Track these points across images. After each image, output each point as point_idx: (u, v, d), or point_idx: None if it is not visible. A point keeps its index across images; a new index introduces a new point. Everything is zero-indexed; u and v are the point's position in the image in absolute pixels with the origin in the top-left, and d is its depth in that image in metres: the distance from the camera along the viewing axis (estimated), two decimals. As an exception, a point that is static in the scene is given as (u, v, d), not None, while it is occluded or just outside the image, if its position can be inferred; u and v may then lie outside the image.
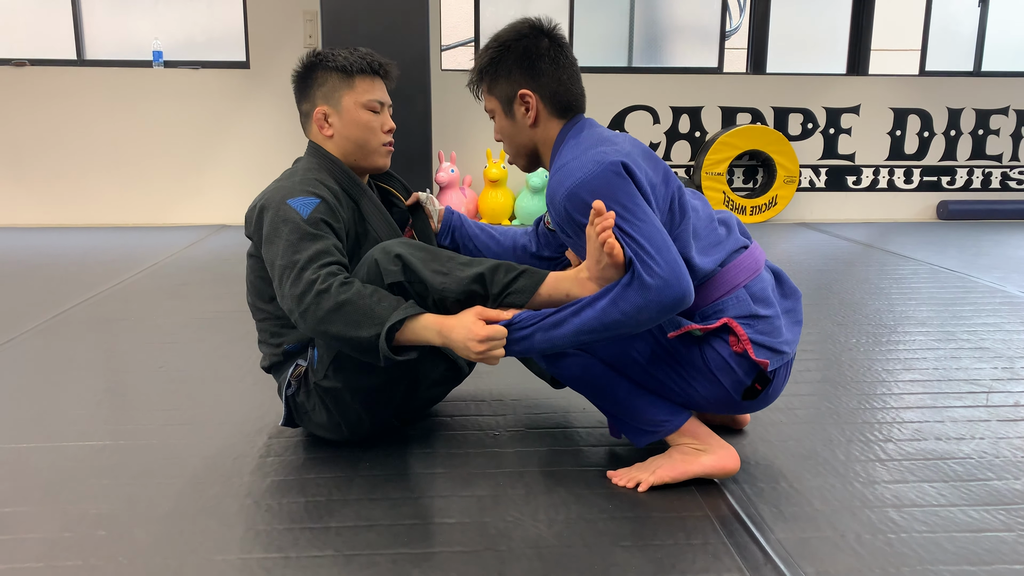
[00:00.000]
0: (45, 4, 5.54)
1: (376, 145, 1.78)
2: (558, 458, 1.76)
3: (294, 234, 1.56)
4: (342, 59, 1.74)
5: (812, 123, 6.05)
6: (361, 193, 1.76)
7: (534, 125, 1.64)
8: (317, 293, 1.48)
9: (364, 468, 1.70)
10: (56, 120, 5.47)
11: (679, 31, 6.21)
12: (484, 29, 5.91)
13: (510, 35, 1.64)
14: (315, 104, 1.76)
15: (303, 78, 1.78)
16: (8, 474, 1.68)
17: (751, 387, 1.56)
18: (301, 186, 1.65)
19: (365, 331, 1.46)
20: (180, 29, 5.66)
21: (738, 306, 1.55)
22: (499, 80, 1.64)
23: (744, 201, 5.88)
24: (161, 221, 5.49)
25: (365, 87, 1.76)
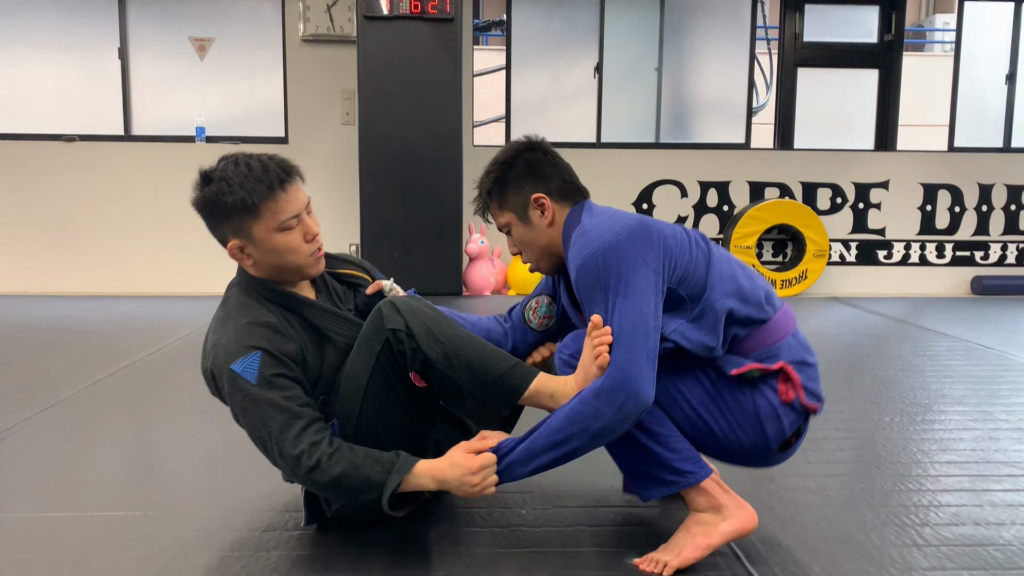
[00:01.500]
0: (97, 82, 5.81)
1: (302, 261, 1.63)
2: (583, 539, 1.73)
3: (253, 406, 1.52)
4: (239, 188, 1.54)
5: (841, 198, 6.07)
6: (300, 304, 1.66)
7: (552, 224, 1.71)
8: (309, 470, 1.48)
9: (388, 545, 1.69)
10: (102, 192, 5.67)
11: (706, 108, 6.33)
12: (515, 106, 6.07)
13: (507, 155, 1.75)
14: (226, 238, 1.61)
15: (205, 212, 1.60)
16: (39, 544, 1.70)
17: (788, 439, 1.61)
18: (236, 341, 1.55)
19: (367, 496, 1.51)
20: (223, 106, 5.89)
21: (791, 352, 1.61)
22: (508, 194, 1.73)
23: (774, 275, 5.87)
24: (198, 290, 5.61)
25: (273, 210, 1.57)
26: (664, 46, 6.11)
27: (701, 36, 6.21)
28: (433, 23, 5.11)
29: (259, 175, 1.56)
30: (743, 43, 6.13)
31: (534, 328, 1.89)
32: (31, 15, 5.74)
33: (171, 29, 5.81)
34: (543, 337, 1.91)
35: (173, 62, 5.84)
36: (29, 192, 5.66)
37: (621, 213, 1.64)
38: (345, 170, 5.64)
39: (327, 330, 1.68)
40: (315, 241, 1.65)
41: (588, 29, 6.05)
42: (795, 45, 6.16)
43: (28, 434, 2.48)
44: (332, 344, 1.68)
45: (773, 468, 2.14)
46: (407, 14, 5.05)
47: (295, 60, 5.73)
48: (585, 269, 1.55)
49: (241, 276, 1.69)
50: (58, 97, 5.82)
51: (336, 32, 5.64)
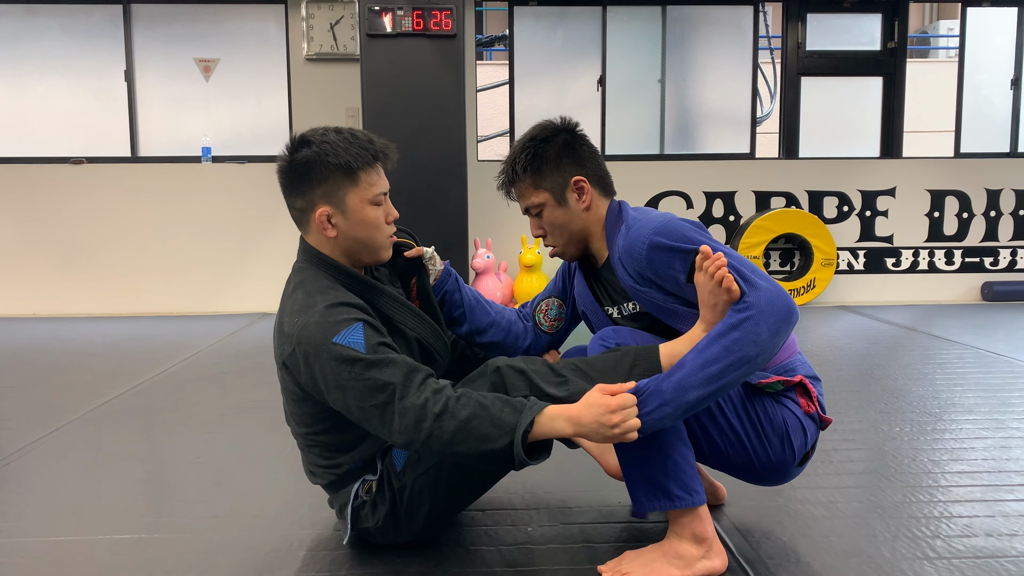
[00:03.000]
0: (104, 105, 5.86)
1: (383, 240, 1.63)
2: (590, 556, 1.72)
3: (366, 371, 1.42)
4: (344, 153, 1.54)
5: (848, 206, 6.05)
6: (377, 293, 1.63)
7: (588, 209, 1.70)
8: (436, 416, 1.38)
9: (399, 564, 1.68)
10: (109, 213, 5.71)
11: (710, 118, 6.33)
12: (519, 121, 6.09)
13: (544, 132, 1.71)
14: (315, 204, 1.57)
15: (298, 174, 1.57)
16: (46, 568, 1.69)
17: (807, 452, 1.65)
18: (332, 317, 1.47)
19: (497, 442, 1.38)
20: (229, 126, 5.93)
21: (804, 367, 1.66)
22: (546, 173, 1.69)
23: (782, 284, 5.83)
24: (206, 310, 5.63)
25: (370, 181, 1.58)
26: (667, 57, 6.12)
27: (704, 47, 6.22)
28: (435, 40, 5.14)
29: (364, 143, 1.57)
30: (746, 53, 6.14)
31: (544, 330, 1.90)
32: (40, 40, 5.80)
33: (176, 51, 5.86)
34: (552, 340, 1.92)
35: (179, 83, 5.89)
36: (38, 215, 5.70)
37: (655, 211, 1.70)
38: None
39: (400, 323, 1.64)
40: (392, 227, 1.66)
41: (591, 42, 6.07)
42: (798, 54, 6.16)
43: (37, 456, 2.48)
44: (402, 336, 1.63)
45: (782, 481, 2.13)
46: (410, 31, 5.08)
47: (299, 79, 5.77)
48: (656, 248, 1.55)
49: (313, 259, 1.62)
50: (66, 120, 5.87)
51: (340, 50, 5.68)
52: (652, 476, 1.54)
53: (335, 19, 5.64)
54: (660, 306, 1.64)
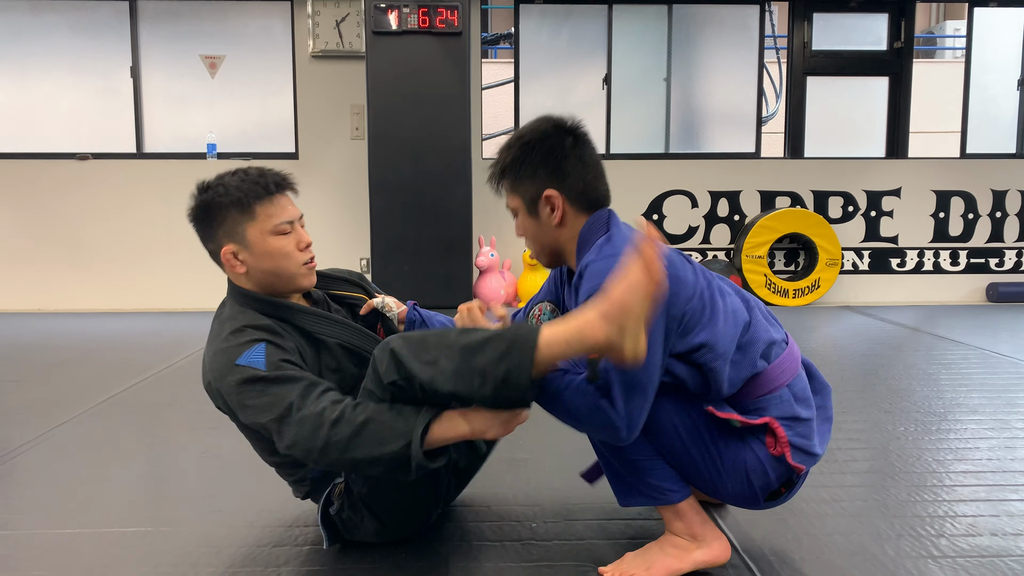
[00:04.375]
0: (109, 101, 5.87)
1: (294, 268, 1.64)
2: (594, 553, 1.72)
3: (267, 388, 1.47)
4: (235, 190, 1.60)
5: (853, 206, 6.04)
6: (291, 311, 1.64)
7: (560, 225, 1.59)
8: (332, 423, 1.41)
9: (400, 559, 1.68)
10: (114, 209, 5.72)
11: (715, 117, 6.32)
12: (524, 118, 6.08)
13: (533, 134, 1.60)
14: (220, 244, 1.63)
15: (201, 220, 1.65)
16: (51, 561, 1.70)
17: (777, 489, 1.54)
18: (236, 340, 1.53)
19: (393, 444, 1.40)
20: (234, 122, 5.93)
21: (781, 406, 1.51)
22: (523, 180, 1.60)
23: (786, 284, 5.84)
24: (210, 306, 5.61)
25: (268, 213, 1.61)
26: (672, 56, 6.11)
27: (709, 46, 6.21)
28: (441, 37, 5.14)
29: (255, 179, 1.63)
30: (752, 52, 6.13)
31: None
32: (46, 37, 5.81)
33: (182, 48, 5.87)
34: None
35: (184, 80, 5.90)
36: (44, 210, 5.71)
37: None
38: (355, 184, 5.67)
39: (320, 334, 1.65)
40: (308, 250, 1.67)
41: (596, 41, 6.06)
42: (804, 54, 6.15)
43: (43, 450, 2.49)
44: (327, 348, 1.65)
45: (786, 479, 2.13)
46: (415, 29, 5.09)
47: (305, 76, 5.77)
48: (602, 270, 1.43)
49: (232, 290, 1.68)
50: (72, 116, 5.88)
51: (345, 48, 5.68)
52: (624, 477, 1.57)
53: (341, 16, 5.64)
54: None
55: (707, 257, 6.03)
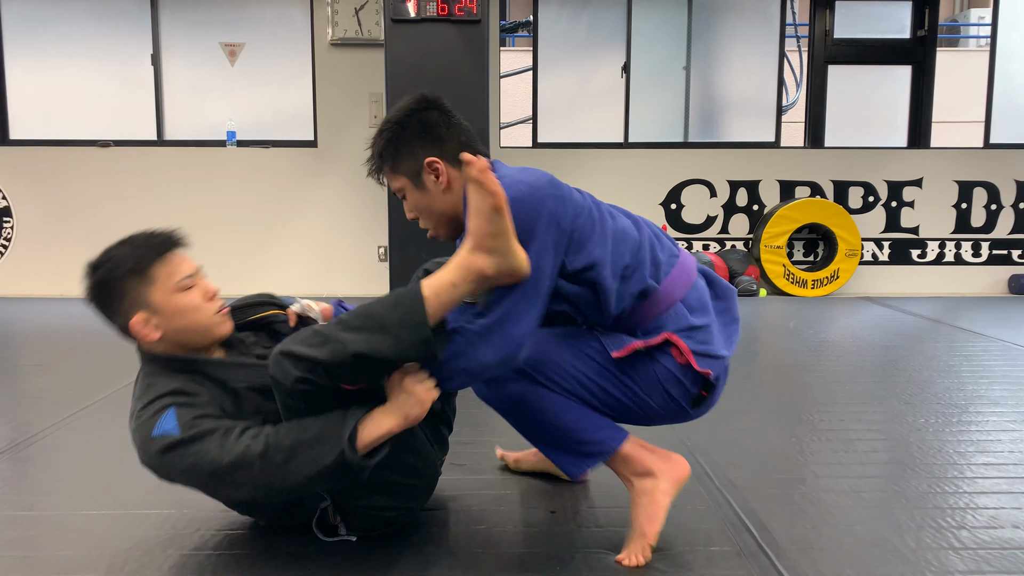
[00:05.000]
0: (131, 89, 5.91)
1: (207, 320, 1.64)
2: (613, 540, 1.73)
3: (188, 450, 1.45)
4: (127, 260, 1.58)
5: (873, 196, 5.98)
6: (201, 365, 1.62)
7: (447, 189, 1.63)
8: (259, 456, 1.42)
9: (419, 545, 1.70)
10: (136, 196, 5.77)
11: (735, 106, 6.28)
12: (542, 107, 6.07)
13: (400, 114, 1.64)
14: (127, 316, 1.60)
15: (101, 299, 1.61)
16: (76, 541, 1.73)
17: (698, 395, 1.63)
18: (147, 415, 1.51)
19: (328, 457, 1.42)
20: (253, 110, 5.96)
21: (676, 320, 1.61)
22: (403, 158, 1.63)
23: (805, 274, 5.80)
24: (230, 292, 5.66)
25: (166, 272, 1.61)
26: (692, 45, 6.07)
27: (730, 34, 6.16)
28: (460, 25, 5.12)
29: (144, 242, 1.62)
30: (772, 41, 6.08)
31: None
32: (68, 25, 5.85)
33: (202, 35, 5.89)
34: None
35: (204, 68, 5.92)
36: (66, 197, 5.77)
37: (532, 169, 1.59)
38: (373, 172, 5.67)
39: (231, 381, 1.62)
40: (216, 300, 1.66)
41: (615, 29, 6.03)
42: (825, 42, 6.08)
43: (65, 433, 2.53)
44: (240, 394, 1.62)
45: (805, 471, 2.14)
46: (434, 16, 5.07)
47: (324, 64, 5.78)
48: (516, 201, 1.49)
49: (142, 360, 1.66)
50: (93, 104, 5.93)
51: (364, 36, 5.68)
52: (561, 445, 1.63)
53: (360, 4, 5.64)
54: None
55: (725, 247, 6.00)
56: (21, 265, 5.81)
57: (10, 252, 5.81)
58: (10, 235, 5.80)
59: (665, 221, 5.95)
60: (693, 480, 2.07)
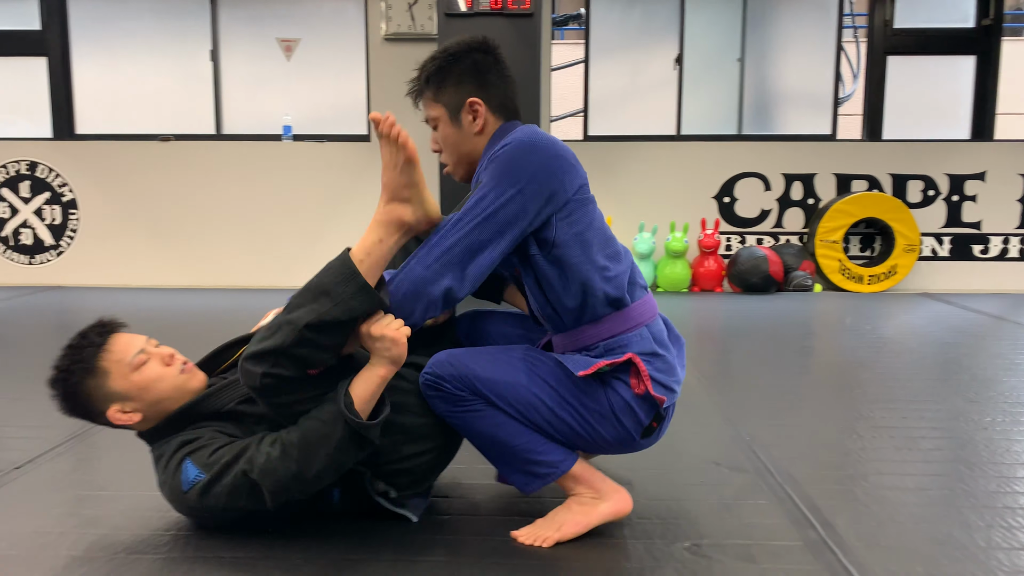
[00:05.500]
0: (190, 84, 6.05)
1: (175, 380, 1.70)
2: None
3: (218, 486, 1.55)
4: (75, 366, 1.63)
5: (934, 190, 5.83)
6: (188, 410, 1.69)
7: (480, 133, 1.67)
8: (280, 458, 1.51)
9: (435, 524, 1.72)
10: (195, 189, 5.91)
11: (790, 98, 6.17)
12: (593, 100, 6.05)
13: (459, 48, 1.68)
14: (104, 411, 1.67)
15: (75, 409, 1.67)
16: (151, 520, 1.79)
17: (649, 425, 1.63)
18: (168, 475, 1.61)
19: (334, 434, 1.50)
20: (308, 104, 6.05)
21: (641, 343, 1.62)
22: (447, 88, 1.67)
23: (861, 270, 5.69)
24: (286, 283, 5.78)
25: (114, 359, 1.66)
26: (747, 36, 5.98)
27: (785, 25, 6.06)
28: (512, 19, 5.13)
29: (79, 344, 1.66)
30: (829, 31, 5.96)
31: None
32: (131, 22, 6.01)
33: (259, 31, 6.00)
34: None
35: (261, 63, 6.03)
36: (129, 190, 5.93)
37: (555, 139, 1.63)
38: (426, 166, 5.63)
39: (223, 407, 1.69)
40: (175, 360, 1.72)
41: (668, 20, 5.97)
42: (885, 32, 5.94)
43: (136, 418, 2.61)
44: (234, 414, 1.69)
45: (867, 467, 2.11)
46: (487, 10, 5.09)
47: (377, 58, 5.84)
48: (512, 147, 1.55)
49: (145, 439, 1.74)
50: (155, 99, 6.08)
51: (417, 30, 5.72)
52: (514, 466, 1.66)
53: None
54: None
55: (779, 241, 5.92)
56: (86, 255, 6.00)
57: (75, 243, 6.00)
58: (76, 226, 5.99)
59: (718, 215, 5.88)
60: (753, 474, 2.06)
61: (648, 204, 5.85)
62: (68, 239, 6.00)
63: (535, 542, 1.64)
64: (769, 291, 5.57)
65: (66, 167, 5.96)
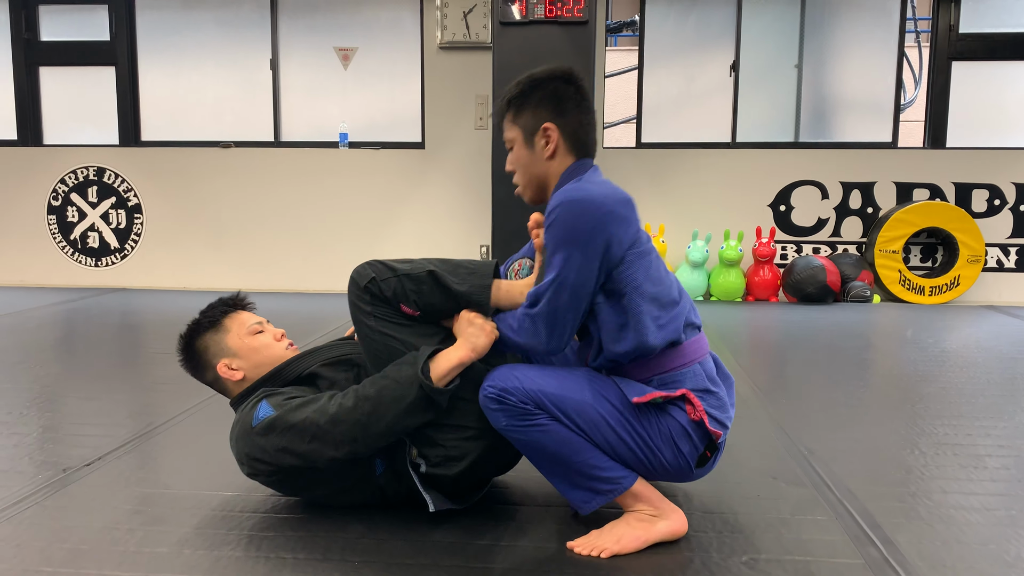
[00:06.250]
0: (250, 93, 6.20)
1: (280, 352, 1.93)
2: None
3: (287, 423, 1.69)
4: (204, 319, 1.95)
5: (1000, 199, 5.66)
6: (278, 372, 1.89)
7: (551, 158, 1.73)
8: (352, 409, 1.65)
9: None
10: (254, 195, 6.05)
11: (849, 105, 6.05)
12: (646, 107, 6.02)
13: (542, 75, 1.75)
14: (213, 364, 1.91)
15: (190, 358, 1.94)
16: (215, 518, 1.84)
17: (703, 454, 1.67)
18: (243, 414, 1.78)
19: (410, 394, 1.63)
20: (364, 112, 6.15)
21: (694, 379, 1.66)
22: (525, 111, 1.74)
23: (923, 281, 5.55)
24: (340, 288, 5.89)
25: (238, 321, 1.94)
26: (805, 42, 5.90)
27: (845, 31, 5.95)
28: (566, 27, 5.14)
29: (213, 305, 1.99)
30: (891, 37, 5.83)
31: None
32: (195, 33, 6.20)
33: (318, 40, 6.13)
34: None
35: (319, 71, 6.16)
36: (191, 195, 6.11)
37: (612, 185, 1.69)
38: (478, 174, 5.76)
39: (304, 371, 1.88)
40: (285, 339, 1.97)
41: (724, 27, 5.92)
42: (949, 37, 5.80)
43: (194, 419, 2.69)
44: (314, 376, 1.87)
45: (931, 484, 2.06)
46: (541, 19, 5.11)
47: (432, 67, 5.91)
48: (564, 208, 1.60)
49: (236, 403, 1.92)
50: (216, 107, 6.25)
51: (472, 39, 5.77)
52: (575, 481, 1.67)
53: (468, 8, 5.74)
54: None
55: (837, 251, 5.81)
56: (149, 258, 6.19)
57: (139, 246, 6.20)
58: (140, 230, 6.18)
59: (773, 223, 5.80)
60: (811, 489, 2.03)
61: (702, 212, 5.80)
62: (132, 243, 6.20)
63: (592, 552, 1.64)
64: (826, 301, 5.47)
65: (131, 173, 6.16)
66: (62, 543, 1.71)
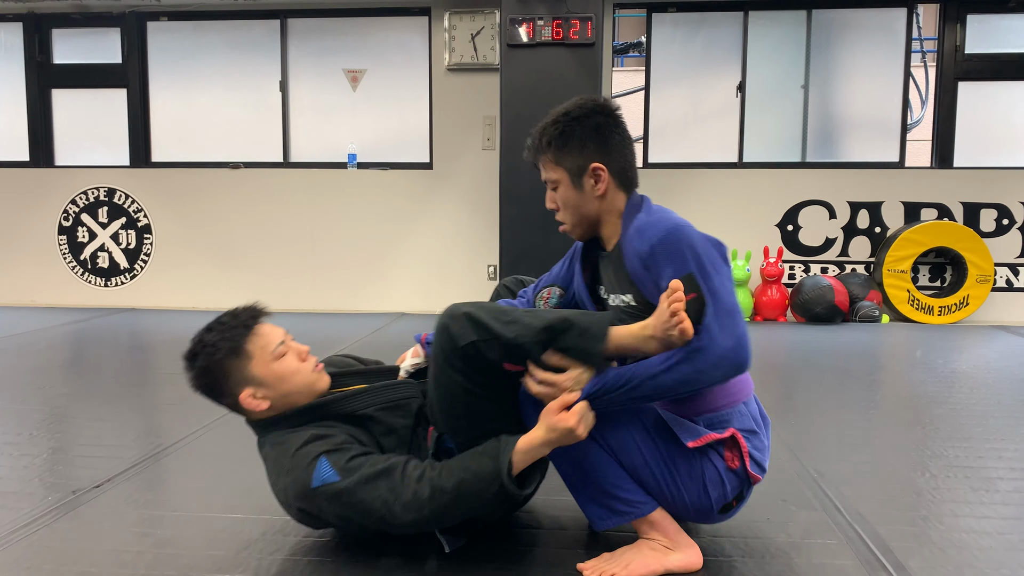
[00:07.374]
0: (260, 114, 6.25)
1: (308, 378, 1.73)
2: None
3: (353, 497, 1.55)
4: (222, 343, 1.68)
5: (1008, 219, 5.65)
6: (325, 407, 1.72)
7: (602, 197, 1.69)
8: (428, 500, 1.52)
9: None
10: (263, 215, 6.09)
11: (856, 125, 6.07)
12: (653, 127, 6.05)
13: (579, 111, 1.68)
14: (235, 394, 1.70)
15: (207, 385, 1.71)
16: (225, 542, 1.84)
17: (730, 502, 1.63)
18: (297, 470, 1.59)
19: (489, 490, 1.52)
20: (373, 133, 6.19)
21: (741, 419, 1.63)
22: (569, 152, 1.68)
23: (931, 300, 5.53)
24: (350, 308, 5.90)
25: (260, 345, 1.71)
26: (811, 62, 5.92)
27: (851, 51, 5.98)
28: (574, 48, 5.18)
29: (231, 324, 1.72)
30: (897, 57, 5.85)
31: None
32: (206, 56, 6.27)
33: (327, 62, 6.18)
34: None
35: (328, 93, 6.21)
36: (201, 215, 6.15)
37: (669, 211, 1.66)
38: (486, 194, 5.79)
39: (358, 411, 1.72)
40: (309, 358, 1.76)
41: (731, 47, 5.95)
42: (956, 57, 5.82)
43: (204, 440, 2.69)
44: (370, 419, 1.72)
45: (942, 508, 2.05)
46: (549, 41, 5.15)
47: (440, 88, 5.96)
48: (669, 239, 1.54)
49: (261, 427, 1.75)
50: (226, 128, 6.31)
51: (479, 61, 5.82)
52: (595, 496, 1.64)
53: (476, 30, 5.79)
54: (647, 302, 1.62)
55: (844, 270, 5.80)
56: (159, 279, 6.23)
57: (149, 266, 6.23)
58: (149, 251, 6.22)
59: (781, 243, 5.80)
60: (822, 512, 2.02)
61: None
62: (142, 263, 6.24)
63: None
64: (834, 321, 5.46)
65: (142, 193, 6.21)
66: (72, 565, 1.72)
